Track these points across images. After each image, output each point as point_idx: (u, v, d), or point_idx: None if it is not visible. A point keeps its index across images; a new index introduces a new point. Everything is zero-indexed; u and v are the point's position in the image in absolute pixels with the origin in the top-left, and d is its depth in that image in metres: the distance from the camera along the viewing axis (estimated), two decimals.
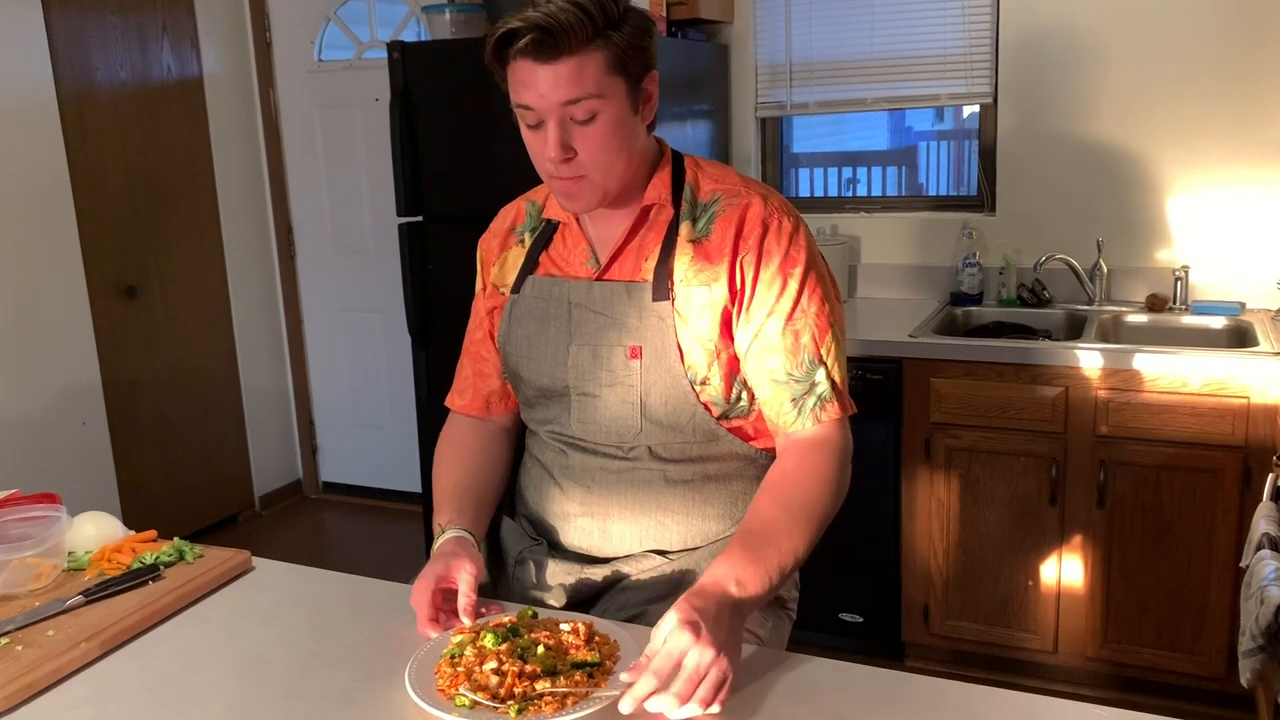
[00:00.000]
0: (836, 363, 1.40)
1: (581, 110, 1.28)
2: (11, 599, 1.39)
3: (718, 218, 1.41)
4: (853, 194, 3.75)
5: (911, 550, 2.91)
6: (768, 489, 1.35)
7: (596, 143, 1.31)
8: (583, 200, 1.37)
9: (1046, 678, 2.85)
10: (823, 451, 1.37)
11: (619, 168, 1.36)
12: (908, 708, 1.11)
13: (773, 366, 1.38)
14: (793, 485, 1.34)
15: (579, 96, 1.27)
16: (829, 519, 1.35)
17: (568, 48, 1.25)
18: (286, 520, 4.45)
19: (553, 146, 1.30)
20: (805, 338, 1.38)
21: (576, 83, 1.27)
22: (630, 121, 1.34)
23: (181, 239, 4.05)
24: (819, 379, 1.38)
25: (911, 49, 3.36)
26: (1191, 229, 3.08)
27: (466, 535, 1.41)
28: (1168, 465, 2.59)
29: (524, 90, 1.29)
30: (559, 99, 1.27)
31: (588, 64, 1.27)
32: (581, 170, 1.33)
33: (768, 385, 1.39)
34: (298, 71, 4.31)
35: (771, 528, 1.29)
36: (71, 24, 3.57)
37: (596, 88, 1.28)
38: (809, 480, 1.35)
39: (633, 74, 1.32)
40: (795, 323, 1.38)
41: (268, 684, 1.19)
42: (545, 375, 1.47)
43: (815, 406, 1.38)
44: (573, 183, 1.34)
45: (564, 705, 1.07)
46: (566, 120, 1.29)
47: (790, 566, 1.28)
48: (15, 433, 3.41)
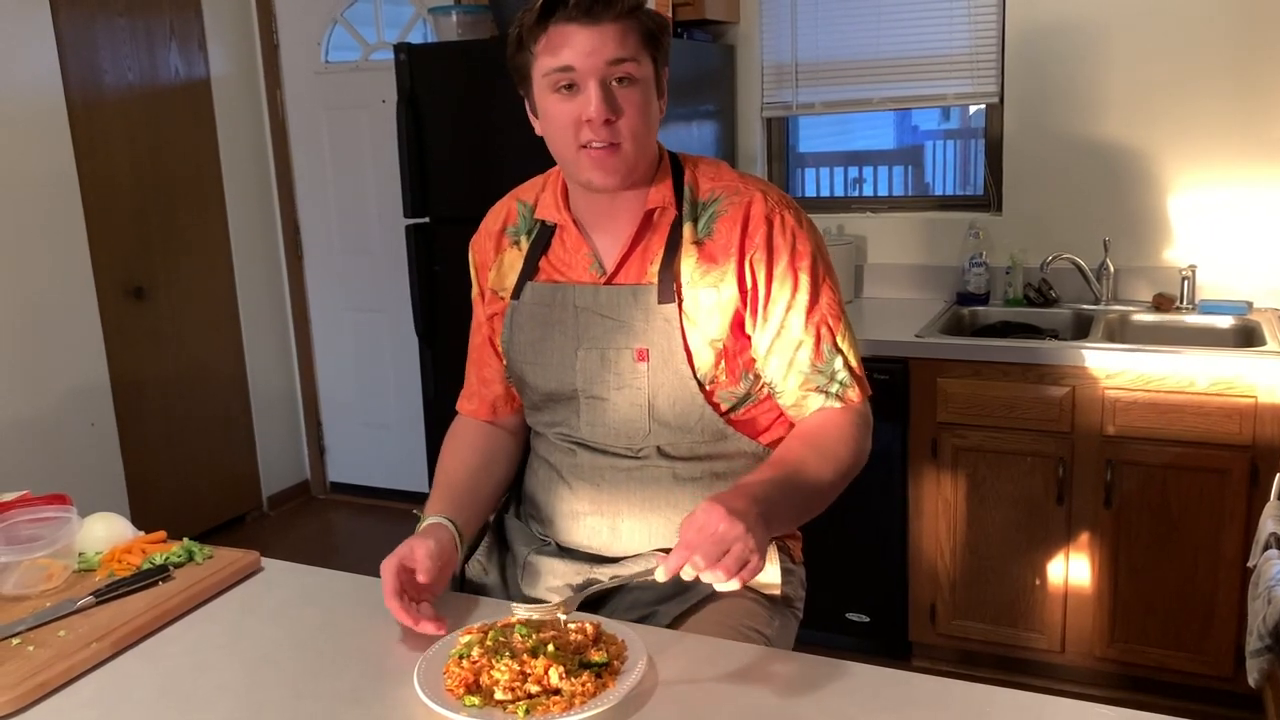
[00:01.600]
0: (851, 348, 1.45)
1: (623, 71, 1.32)
2: (23, 600, 1.39)
3: (719, 217, 1.42)
4: (859, 194, 3.75)
5: (918, 550, 2.91)
6: (796, 434, 1.42)
7: (635, 107, 1.34)
8: (615, 173, 1.36)
9: (1053, 677, 2.85)
10: (846, 418, 1.43)
11: (649, 143, 1.39)
12: (914, 708, 1.11)
13: (799, 360, 1.41)
14: (821, 433, 1.41)
15: (623, 56, 1.31)
16: (850, 476, 1.40)
17: (617, 8, 1.30)
18: (294, 520, 4.46)
19: (597, 106, 1.31)
20: (824, 328, 1.42)
21: (621, 44, 1.31)
22: (655, 104, 1.38)
23: (189, 240, 4.06)
24: (838, 366, 1.42)
25: (917, 49, 3.35)
26: (1198, 228, 3.07)
27: (444, 522, 1.41)
28: (1175, 465, 2.58)
29: (565, 51, 1.31)
30: (605, 57, 1.30)
31: (629, 31, 1.32)
32: (618, 137, 1.34)
33: (794, 378, 1.42)
34: (305, 73, 4.32)
35: (802, 461, 1.35)
36: (79, 26, 3.59)
37: (636, 53, 1.32)
38: (833, 430, 1.41)
39: (658, 58, 1.37)
40: (815, 315, 1.41)
41: (277, 684, 1.20)
42: (553, 380, 1.47)
43: (837, 392, 1.43)
44: (608, 152, 1.34)
45: (572, 705, 1.08)
46: (608, 83, 1.32)
47: (814, 499, 1.34)
48: (25, 434, 3.42)
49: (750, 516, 1.16)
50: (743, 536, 1.13)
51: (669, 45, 1.39)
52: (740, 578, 1.13)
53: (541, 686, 1.10)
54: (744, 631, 1.39)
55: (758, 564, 1.15)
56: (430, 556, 1.32)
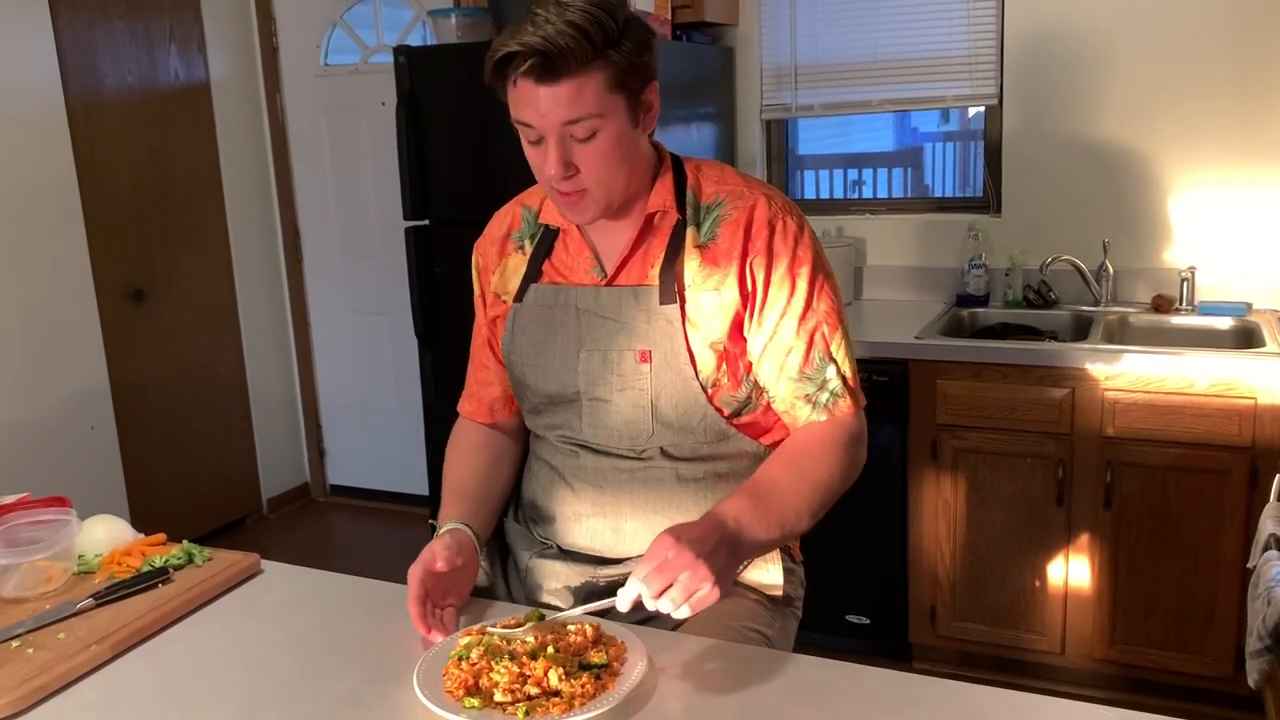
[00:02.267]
0: (846, 358, 1.43)
1: (582, 129, 1.29)
2: (22, 602, 1.39)
3: (723, 221, 1.42)
4: (858, 196, 3.75)
5: (918, 552, 2.91)
6: (776, 455, 1.41)
7: (597, 159, 1.32)
8: (585, 213, 1.38)
9: (1053, 679, 2.85)
10: (834, 433, 1.42)
11: (620, 181, 1.37)
12: (914, 709, 1.11)
13: (789, 366, 1.41)
14: (800, 453, 1.40)
15: (579, 117, 1.28)
16: (837, 492, 1.39)
17: (567, 70, 1.25)
18: (294, 523, 4.46)
19: (553, 164, 1.31)
20: (817, 336, 1.41)
21: (576, 103, 1.27)
22: (631, 135, 1.35)
23: (189, 243, 4.06)
24: (830, 375, 1.41)
25: (916, 51, 3.36)
26: (1197, 229, 3.08)
27: (461, 527, 1.41)
28: (1174, 466, 2.58)
29: (524, 109, 1.29)
30: (559, 119, 1.28)
31: (587, 84, 1.27)
32: (582, 185, 1.34)
33: (784, 384, 1.42)
34: (304, 76, 4.32)
35: (776, 483, 1.34)
36: (79, 29, 3.59)
37: (597, 107, 1.28)
38: (817, 450, 1.40)
39: (633, 89, 1.32)
40: (808, 322, 1.40)
41: (276, 686, 1.20)
42: (554, 382, 1.47)
43: (828, 402, 1.41)
44: (575, 197, 1.35)
45: (571, 707, 1.08)
46: (567, 138, 1.30)
47: (792, 522, 1.33)
48: (25, 437, 3.42)
49: (707, 543, 1.17)
50: (691, 564, 1.14)
51: (654, 61, 1.35)
52: (690, 606, 1.15)
53: (541, 688, 1.10)
54: (744, 632, 1.40)
55: (710, 593, 1.16)
56: (447, 548, 1.33)
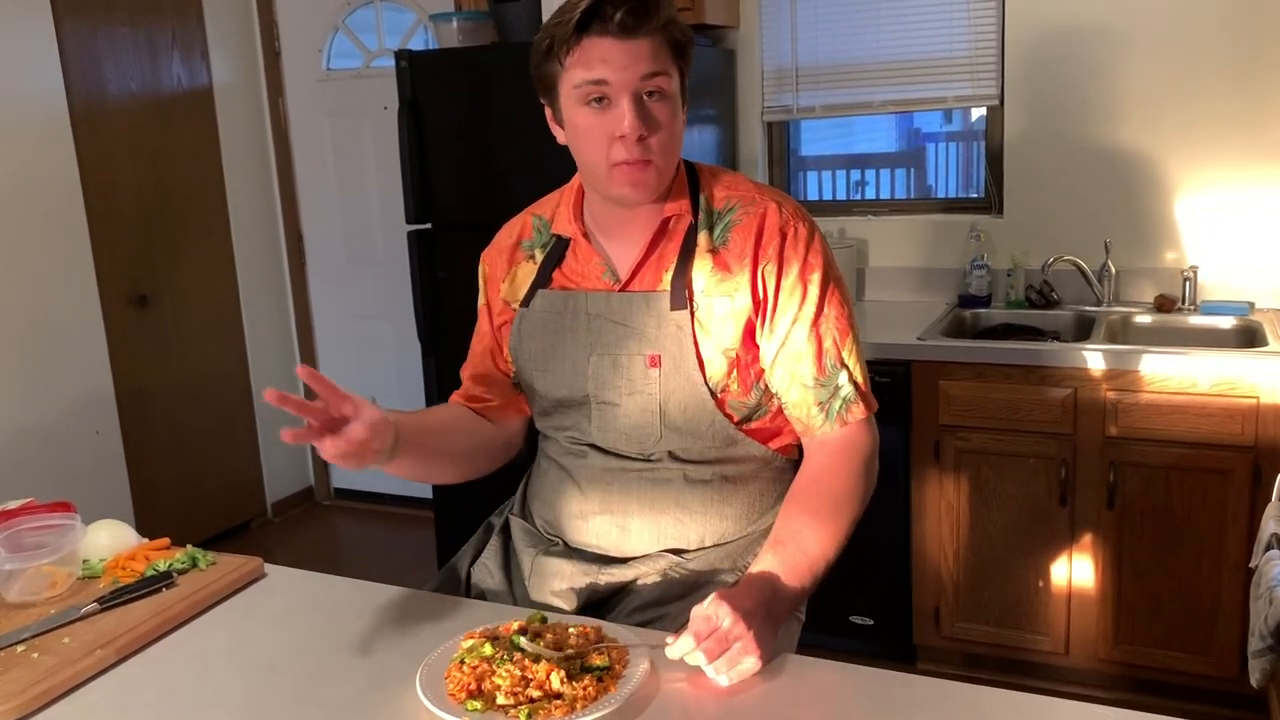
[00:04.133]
0: (858, 364, 1.44)
1: (655, 85, 1.32)
2: (27, 607, 1.40)
3: (735, 226, 1.42)
4: (861, 197, 3.75)
5: (922, 553, 2.90)
6: (796, 496, 1.40)
7: (666, 122, 1.34)
8: (645, 189, 1.37)
9: (1058, 679, 2.84)
10: (848, 455, 1.42)
11: (672, 158, 1.39)
12: (918, 711, 1.11)
13: (801, 372, 1.41)
14: (821, 491, 1.40)
15: (656, 71, 1.31)
16: (856, 520, 1.40)
17: (653, 23, 1.29)
18: (299, 527, 4.46)
19: (631, 121, 1.31)
20: (828, 342, 1.41)
21: (655, 58, 1.31)
22: (681, 116, 1.39)
23: (193, 248, 4.07)
24: (842, 382, 1.41)
25: (917, 52, 3.36)
26: (1199, 229, 3.07)
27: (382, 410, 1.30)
28: (1177, 466, 2.58)
29: (599, 65, 1.30)
30: (640, 72, 1.30)
31: (661, 45, 1.32)
32: (649, 154, 1.34)
33: (796, 390, 1.41)
34: (307, 81, 4.33)
35: (801, 535, 1.34)
36: (82, 35, 3.60)
37: (667, 67, 1.33)
38: (835, 484, 1.40)
39: (684, 67, 1.37)
40: (819, 328, 1.40)
41: (280, 689, 1.20)
42: (563, 386, 1.47)
43: (841, 409, 1.41)
44: (639, 168, 1.34)
45: (574, 709, 1.08)
46: (641, 98, 1.32)
47: (821, 570, 1.35)
48: (30, 442, 3.43)
49: (757, 618, 1.19)
50: (744, 637, 1.16)
51: (692, 53, 1.39)
52: (730, 678, 1.16)
53: (543, 691, 1.10)
54: None
55: (753, 666, 1.17)
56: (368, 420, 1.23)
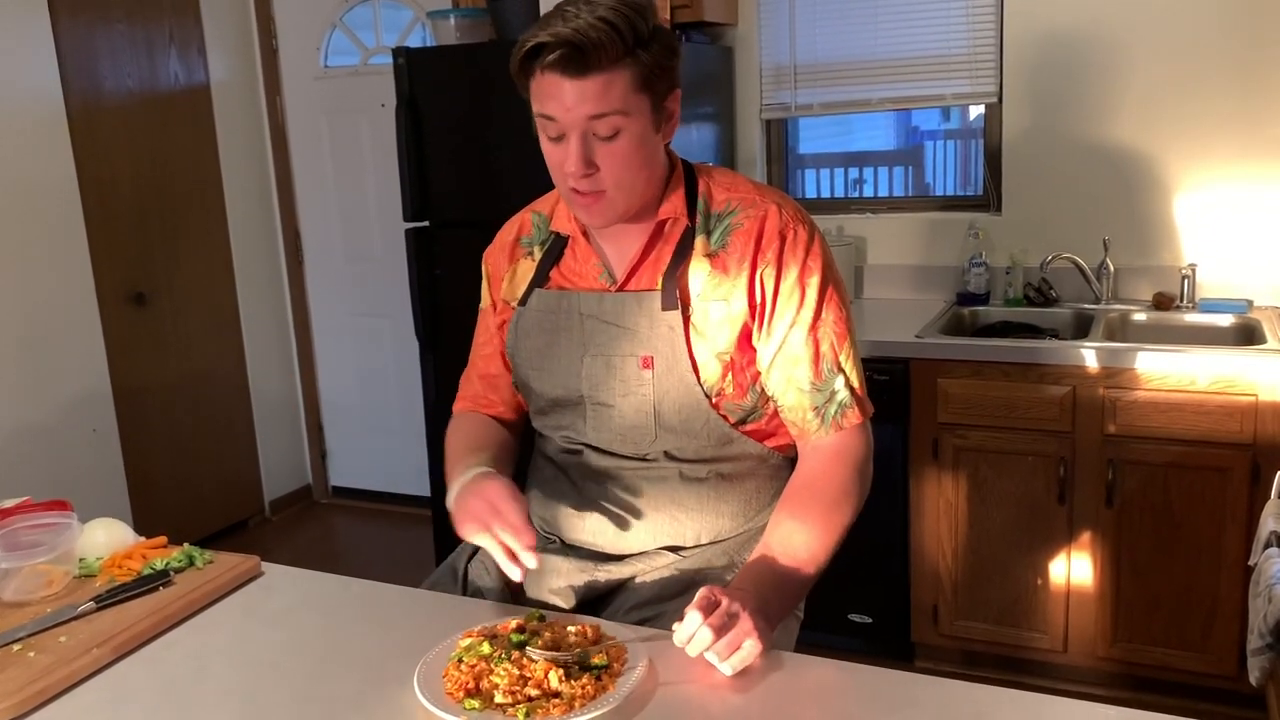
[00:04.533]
0: (855, 369, 1.43)
1: (605, 126, 1.28)
2: (23, 606, 1.39)
3: (734, 230, 1.41)
4: (859, 195, 3.75)
5: (920, 551, 2.90)
6: (788, 500, 1.40)
7: (618, 160, 1.30)
8: (601, 216, 1.36)
9: (1056, 677, 2.84)
10: (842, 460, 1.41)
11: (639, 185, 1.35)
12: (917, 709, 1.11)
13: (797, 377, 1.40)
14: (814, 495, 1.39)
15: (604, 112, 1.26)
16: (849, 525, 1.40)
17: (597, 65, 1.24)
18: (296, 525, 4.46)
19: (574, 160, 1.29)
20: (825, 346, 1.40)
21: (603, 99, 1.26)
22: (652, 140, 1.34)
23: (190, 246, 4.06)
24: (838, 386, 1.40)
25: (916, 49, 3.35)
26: (1198, 227, 3.07)
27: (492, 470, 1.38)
28: (1176, 464, 2.58)
29: (549, 102, 1.28)
30: (584, 113, 1.26)
31: (615, 81, 1.26)
32: (601, 186, 1.32)
33: (792, 394, 1.41)
34: (304, 78, 4.32)
35: (792, 540, 1.35)
36: (79, 33, 3.59)
37: (622, 105, 1.27)
38: (829, 489, 1.39)
39: (658, 93, 1.31)
40: (817, 332, 1.40)
41: (278, 688, 1.20)
42: (558, 386, 1.47)
43: (836, 414, 1.41)
44: (592, 198, 1.33)
45: (572, 708, 1.08)
46: (589, 135, 1.28)
47: (811, 574, 1.35)
48: (26, 440, 3.42)
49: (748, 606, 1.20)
50: (742, 615, 1.17)
51: (675, 71, 1.34)
52: (732, 664, 1.16)
53: (541, 689, 1.10)
54: None
55: (754, 649, 1.17)
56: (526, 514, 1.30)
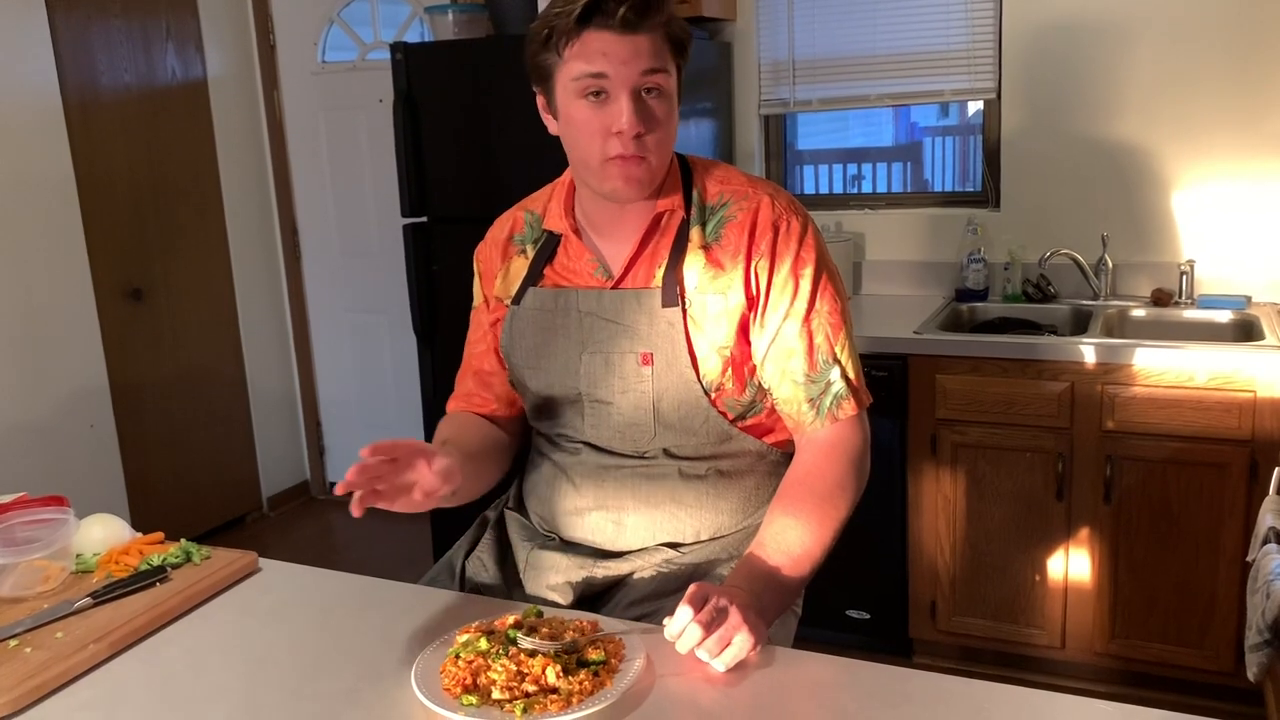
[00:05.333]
0: (850, 359, 1.42)
1: (654, 82, 1.31)
2: (19, 601, 1.39)
3: (728, 222, 1.41)
4: (858, 191, 3.75)
5: (918, 547, 2.90)
6: (785, 495, 1.39)
7: (663, 120, 1.33)
8: (639, 185, 1.36)
9: (1054, 673, 2.85)
10: (837, 453, 1.40)
11: (666, 155, 1.38)
12: (915, 705, 1.10)
13: (792, 369, 1.39)
14: (808, 490, 1.38)
15: (656, 67, 1.30)
16: (846, 518, 1.39)
17: (655, 19, 1.29)
18: (294, 521, 4.46)
19: (629, 118, 1.30)
20: (820, 338, 1.40)
21: (655, 55, 1.30)
22: (676, 114, 1.38)
23: (187, 242, 4.05)
24: (834, 378, 1.40)
25: (915, 45, 3.35)
26: (1197, 223, 3.07)
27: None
28: (1174, 460, 2.58)
29: (599, 59, 1.29)
30: (640, 68, 1.29)
31: (662, 42, 1.31)
32: (645, 150, 1.33)
33: (787, 386, 1.40)
34: (301, 73, 4.32)
35: (786, 535, 1.34)
36: (76, 28, 3.58)
37: (666, 63, 1.32)
38: (823, 483, 1.38)
39: (681, 62, 1.36)
40: (811, 323, 1.39)
41: (275, 684, 1.20)
42: (555, 384, 1.46)
43: (832, 406, 1.40)
44: (635, 164, 1.33)
45: (569, 704, 1.08)
46: (640, 93, 1.31)
47: (807, 569, 1.34)
48: (23, 436, 3.42)
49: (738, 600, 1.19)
50: (733, 612, 1.17)
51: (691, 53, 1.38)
52: (724, 660, 1.15)
53: (539, 685, 1.10)
54: None
55: (746, 645, 1.16)
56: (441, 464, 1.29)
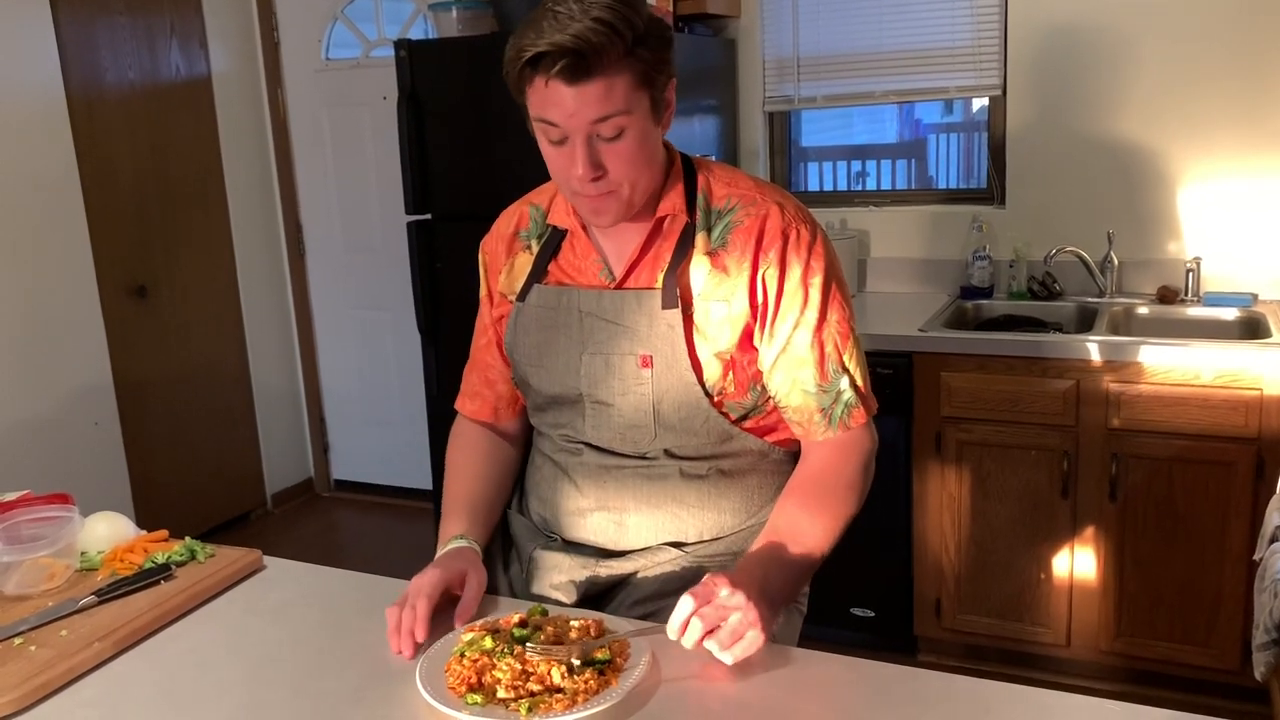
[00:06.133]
0: (859, 368, 1.42)
1: (609, 128, 1.26)
2: (24, 599, 1.39)
3: (735, 228, 1.39)
4: (862, 188, 3.74)
5: (923, 544, 2.90)
6: (793, 492, 1.40)
7: (624, 159, 1.29)
8: (610, 215, 1.35)
9: (1059, 671, 2.84)
10: (848, 454, 1.41)
11: (645, 180, 1.34)
12: (920, 703, 1.10)
13: (803, 378, 1.39)
14: (818, 487, 1.39)
15: (608, 114, 1.25)
16: (851, 518, 1.39)
17: (599, 69, 1.22)
18: (298, 518, 4.46)
19: (582, 165, 1.27)
20: (830, 347, 1.39)
21: (605, 101, 1.24)
22: (654, 134, 1.33)
23: (191, 238, 4.06)
24: (844, 387, 1.40)
25: (919, 41, 3.34)
26: (1203, 220, 3.06)
27: (475, 549, 1.42)
28: (1180, 458, 2.57)
29: (550, 109, 1.25)
30: (588, 118, 1.24)
31: (616, 83, 1.24)
32: (610, 187, 1.31)
33: (797, 396, 1.40)
34: (305, 71, 4.31)
35: (796, 530, 1.34)
36: (80, 25, 3.58)
37: (625, 105, 1.25)
38: (833, 481, 1.39)
39: (658, 86, 1.30)
40: (822, 334, 1.39)
41: (279, 683, 1.20)
42: (557, 383, 1.46)
43: (843, 415, 1.40)
44: (601, 199, 1.32)
45: (575, 703, 1.07)
46: (593, 138, 1.27)
47: (815, 562, 1.34)
48: (28, 434, 3.42)
49: (753, 595, 1.18)
50: (744, 607, 1.16)
51: (670, 61, 1.32)
52: (733, 654, 1.14)
53: (544, 685, 1.09)
54: None
55: (756, 640, 1.15)
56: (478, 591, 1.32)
